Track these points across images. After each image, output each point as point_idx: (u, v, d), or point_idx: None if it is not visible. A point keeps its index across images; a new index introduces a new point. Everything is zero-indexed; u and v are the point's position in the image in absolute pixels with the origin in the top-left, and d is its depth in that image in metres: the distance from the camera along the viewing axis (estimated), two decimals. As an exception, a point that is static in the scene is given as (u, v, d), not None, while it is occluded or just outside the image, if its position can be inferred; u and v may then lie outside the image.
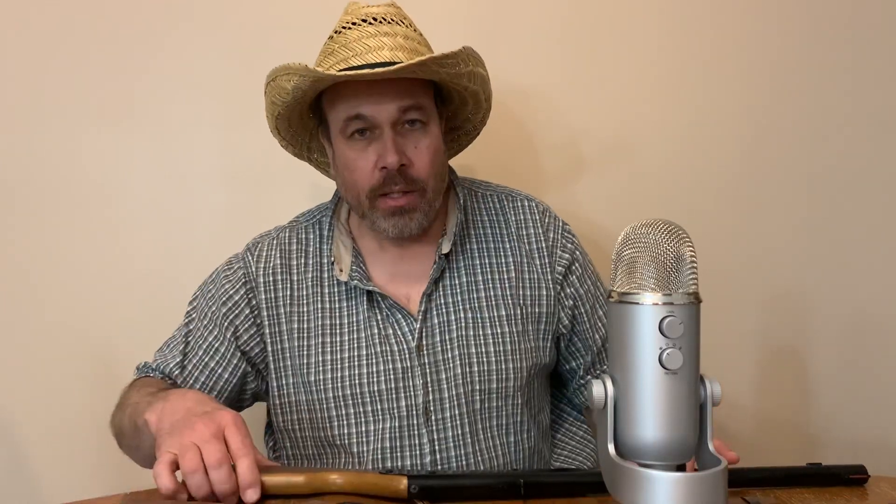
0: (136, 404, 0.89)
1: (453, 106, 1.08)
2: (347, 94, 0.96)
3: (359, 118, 0.96)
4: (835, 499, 0.77)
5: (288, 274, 1.06)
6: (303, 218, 1.12)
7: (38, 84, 1.34)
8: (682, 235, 0.59)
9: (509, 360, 1.03)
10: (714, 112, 1.42)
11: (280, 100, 0.98)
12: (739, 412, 1.45)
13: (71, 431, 1.35)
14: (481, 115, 1.11)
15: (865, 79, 1.43)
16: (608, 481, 0.61)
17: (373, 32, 0.96)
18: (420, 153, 0.98)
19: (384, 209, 0.98)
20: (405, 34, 0.98)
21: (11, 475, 1.39)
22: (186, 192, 1.37)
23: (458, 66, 0.95)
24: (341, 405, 1.01)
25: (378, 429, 1.00)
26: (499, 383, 1.02)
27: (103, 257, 1.36)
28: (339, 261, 1.05)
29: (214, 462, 0.71)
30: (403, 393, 1.00)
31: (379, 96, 0.95)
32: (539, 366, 1.07)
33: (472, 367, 1.02)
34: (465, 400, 1.01)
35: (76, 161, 1.35)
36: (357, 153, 0.97)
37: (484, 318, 1.04)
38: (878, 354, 1.46)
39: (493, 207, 1.11)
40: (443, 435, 1.00)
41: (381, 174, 0.96)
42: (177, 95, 1.35)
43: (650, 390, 0.57)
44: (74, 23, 1.34)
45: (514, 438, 1.04)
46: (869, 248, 1.45)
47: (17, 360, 1.36)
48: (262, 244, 1.08)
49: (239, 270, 1.06)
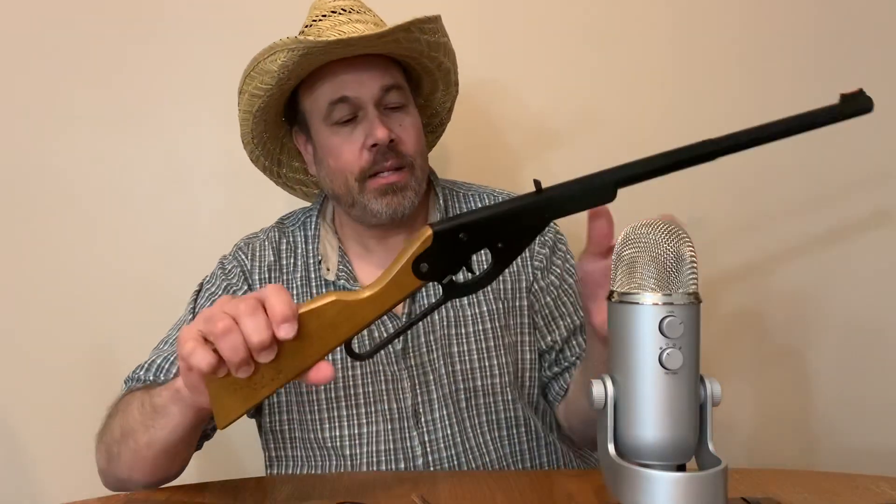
0: (141, 403, 0.83)
1: (423, 94, 1.09)
2: (328, 76, 0.96)
3: (343, 100, 0.96)
4: (835, 498, 0.77)
5: (280, 272, 1.05)
6: (288, 220, 1.11)
7: (37, 85, 1.34)
8: (682, 235, 0.59)
9: (492, 356, 1.02)
10: (713, 107, 1.41)
11: (263, 88, 0.96)
12: (739, 412, 1.45)
13: (71, 431, 1.34)
14: (450, 103, 1.11)
15: (866, 79, 1.42)
16: (608, 481, 0.61)
17: (345, 20, 0.97)
18: (406, 130, 0.98)
19: (375, 188, 0.97)
20: (375, 21, 0.99)
21: (11, 475, 1.39)
22: (186, 192, 1.37)
23: (437, 35, 0.97)
24: (333, 407, 0.99)
25: (371, 431, 0.99)
26: (483, 380, 1.01)
27: (103, 257, 1.36)
28: (326, 260, 1.05)
29: (246, 309, 0.63)
30: (394, 395, 0.99)
31: (361, 75, 0.95)
32: (527, 359, 1.05)
33: (454, 367, 1.00)
34: (451, 400, 1.00)
35: (76, 162, 1.36)
36: (342, 138, 0.97)
37: (466, 317, 1.02)
38: (878, 355, 1.46)
39: (474, 207, 1.10)
40: (433, 437, 0.99)
41: (370, 154, 0.96)
42: (177, 96, 1.36)
43: (650, 390, 0.57)
44: (75, 24, 1.34)
45: (507, 433, 1.02)
46: (869, 249, 1.44)
47: (18, 359, 1.37)
48: (253, 243, 1.08)
49: (236, 268, 1.05)
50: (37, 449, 1.38)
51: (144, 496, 0.85)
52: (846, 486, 0.80)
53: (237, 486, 0.88)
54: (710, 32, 1.41)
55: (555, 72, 1.40)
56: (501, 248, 0.71)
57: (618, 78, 1.40)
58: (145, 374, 0.96)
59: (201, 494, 0.85)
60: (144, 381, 0.96)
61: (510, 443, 1.03)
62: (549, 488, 0.83)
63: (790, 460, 1.46)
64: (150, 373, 0.96)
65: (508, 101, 1.40)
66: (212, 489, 0.87)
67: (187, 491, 0.86)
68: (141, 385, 0.94)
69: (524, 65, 1.40)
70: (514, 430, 1.03)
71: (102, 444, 0.89)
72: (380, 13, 1.03)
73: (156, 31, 1.35)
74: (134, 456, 0.84)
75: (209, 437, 0.99)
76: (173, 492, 0.85)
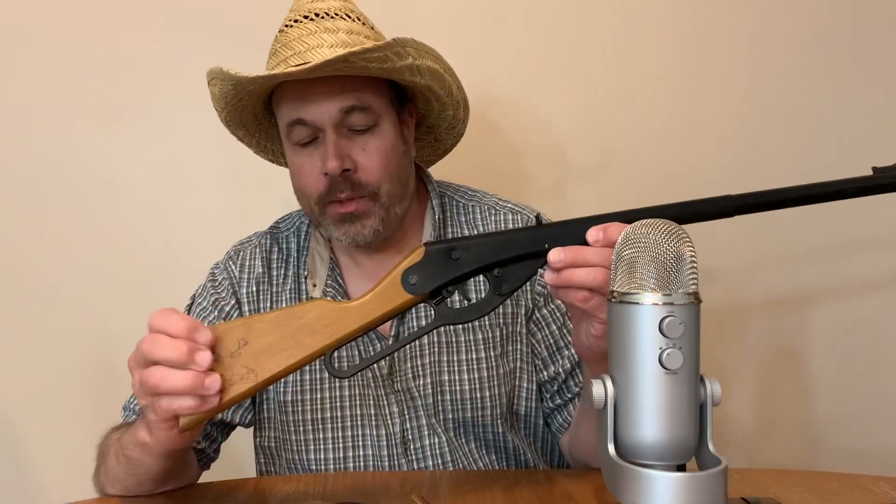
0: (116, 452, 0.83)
1: (421, 104, 1.02)
2: (287, 97, 0.91)
3: (299, 123, 0.91)
4: (835, 498, 0.77)
5: (269, 284, 1.02)
6: (284, 224, 1.08)
7: (37, 85, 1.34)
8: (682, 235, 0.59)
9: (485, 387, 0.96)
10: (714, 110, 1.41)
11: (217, 105, 0.94)
12: (739, 412, 1.45)
13: (71, 431, 1.34)
14: (451, 112, 1.02)
15: (865, 78, 1.43)
16: (608, 481, 0.61)
17: (312, 29, 0.90)
18: (369, 156, 0.91)
19: (333, 216, 0.93)
20: (349, 29, 0.91)
21: (11, 475, 1.39)
22: (186, 192, 1.37)
23: (392, 61, 0.86)
24: (319, 429, 0.96)
25: (358, 455, 0.96)
26: (474, 412, 0.96)
27: (103, 257, 1.36)
28: (313, 275, 1.00)
29: (148, 367, 0.66)
30: (381, 420, 0.96)
31: (318, 97, 0.89)
32: (524, 388, 0.99)
33: (443, 395, 0.96)
34: (442, 428, 0.96)
35: (76, 161, 1.36)
36: (303, 159, 0.93)
37: (459, 342, 0.97)
38: (878, 355, 1.46)
39: (472, 220, 1.03)
40: (422, 465, 0.96)
41: (325, 180, 0.91)
42: (177, 96, 1.36)
43: (650, 390, 0.57)
44: (75, 24, 1.34)
45: (497, 456, 0.99)
46: (869, 249, 1.44)
47: (18, 359, 1.37)
48: (243, 252, 1.04)
49: (225, 281, 1.02)
50: (37, 449, 1.38)
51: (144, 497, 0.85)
52: (846, 486, 0.80)
53: (237, 486, 0.88)
54: (713, 40, 1.41)
55: (561, 81, 1.40)
56: (498, 276, 0.70)
57: (622, 86, 1.40)
58: (136, 403, 0.95)
59: (201, 494, 0.85)
60: (136, 412, 0.94)
61: (500, 466, 0.99)
62: (549, 488, 0.83)
63: (790, 460, 1.46)
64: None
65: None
66: (212, 489, 0.87)
67: (187, 491, 0.86)
68: (122, 425, 0.91)
69: (531, 75, 1.39)
70: (503, 462, 0.99)
71: (97, 483, 0.88)
72: (378, 18, 1.00)
73: (156, 31, 1.35)
74: (130, 493, 0.84)
75: (214, 459, 1.00)
76: (173, 492, 0.85)
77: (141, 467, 0.78)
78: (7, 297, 1.36)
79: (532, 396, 1.01)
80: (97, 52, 1.34)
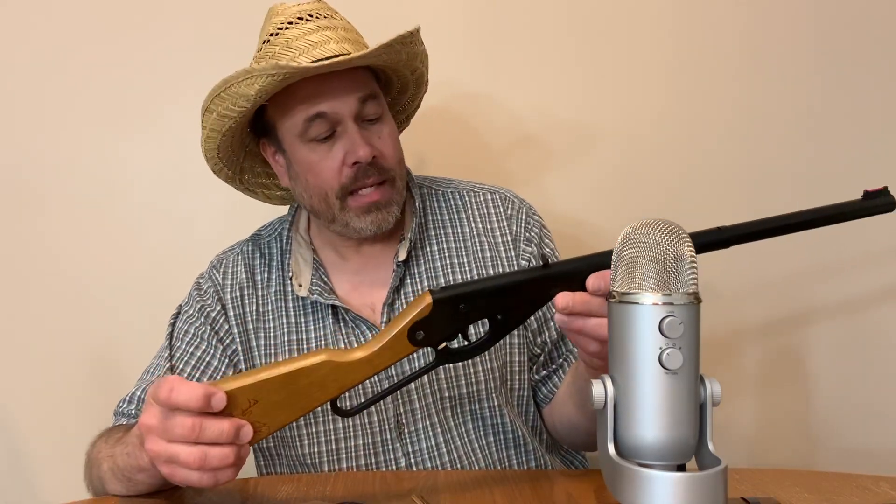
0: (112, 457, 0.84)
1: (391, 93, 1.07)
2: (303, 94, 0.92)
3: (320, 116, 0.93)
4: (835, 498, 0.77)
5: (254, 289, 1.03)
6: (265, 231, 1.10)
7: (37, 85, 1.34)
8: (682, 235, 0.59)
9: (477, 361, 0.98)
10: (712, 105, 1.41)
11: (236, 110, 0.93)
12: (739, 412, 1.45)
13: (71, 431, 1.34)
14: (418, 101, 1.09)
15: (865, 77, 1.42)
16: (608, 481, 0.61)
17: (313, 28, 0.93)
18: (385, 142, 0.96)
19: (357, 207, 0.95)
20: (344, 26, 0.96)
21: (11, 475, 1.39)
22: (186, 192, 1.37)
23: (417, 45, 0.95)
24: (311, 423, 0.97)
25: (350, 446, 0.97)
26: (468, 387, 0.98)
27: (103, 257, 1.36)
28: (297, 275, 1.02)
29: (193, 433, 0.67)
30: (374, 407, 0.96)
31: (337, 90, 0.92)
32: (516, 362, 1.02)
33: (437, 374, 0.97)
34: (435, 409, 0.97)
35: (76, 162, 1.36)
36: (321, 155, 0.94)
37: None
38: (878, 355, 1.46)
39: (454, 205, 1.07)
40: (417, 448, 0.97)
41: (351, 170, 0.93)
42: (177, 96, 1.35)
43: (650, 390, 0.57)
44: (75, 24, 1.34)
45: (495, 438, 1.00)
46: (870, 249, 1.44)
47: (17, 359, 1.37)
48: (226, 260, 1.06)
49: (210, 289, 1.03)
50: (37, 449, 1.38)
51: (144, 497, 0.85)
52: (846, 486, 0.80)
53: (237, 486, 0.88)
54: (702, 37, 1.40)
55: (543, 76, 1.39)
56: (500, 319, 0.72)
57: (609, 81, 1.40)
58: (127, 406, 0.98)
59: (201, 494, 0.85)
60: (128, 416, 0.97)
61: (498, 448, 1.00)
62: (549, 488, 0.83)
63: (790, 460, 1.46)
64: (133, 406, 0.97)
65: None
66: (211, 489, 0.87)
67: (187, 491, 0.86)
68: (112, 431, 0.92)
69: (511, 69, 1.39)
70: (501, 437, 1.00)
71: (90, 487, 0.89)
72: (352, 17, 1.01)
73: (156, 31, 1.35)
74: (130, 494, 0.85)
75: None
76: (172, 492, 0.85)
77: (142, 485, 0.81)
78: (7, 296, 1.36)
79: (524, 369, 1.03)
80: (97, 52, 1.34)
